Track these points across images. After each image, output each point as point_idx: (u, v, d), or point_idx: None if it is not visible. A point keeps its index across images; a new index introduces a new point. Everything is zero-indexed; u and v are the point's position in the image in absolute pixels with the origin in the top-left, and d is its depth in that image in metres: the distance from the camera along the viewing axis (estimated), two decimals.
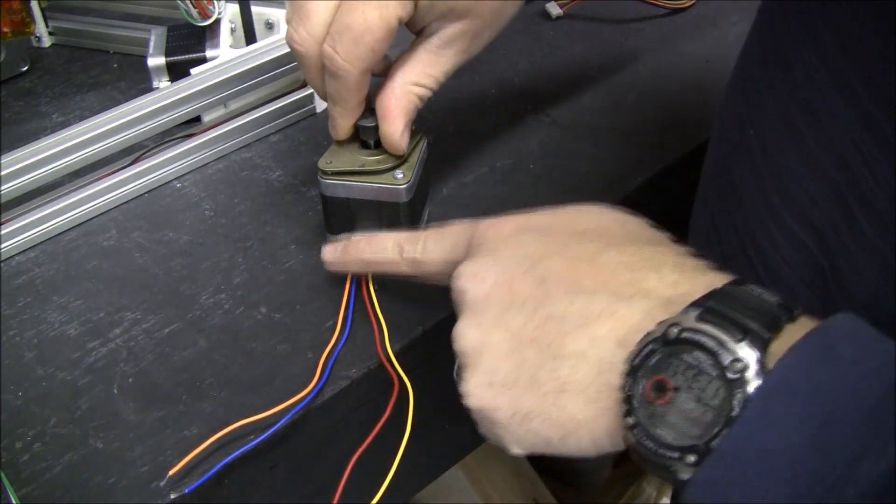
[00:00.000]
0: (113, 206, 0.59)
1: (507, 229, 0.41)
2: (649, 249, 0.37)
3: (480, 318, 0.38)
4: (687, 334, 0.32)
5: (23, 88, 0.70)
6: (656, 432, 0.32)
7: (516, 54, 0.73)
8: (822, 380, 0.30)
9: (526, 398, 0.36)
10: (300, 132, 0.65)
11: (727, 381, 0.31)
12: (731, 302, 0.32)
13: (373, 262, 0.47)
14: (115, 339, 0.50)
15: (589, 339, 0.35)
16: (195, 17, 0.64)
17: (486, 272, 0.39)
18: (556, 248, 0.38)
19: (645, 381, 0.33)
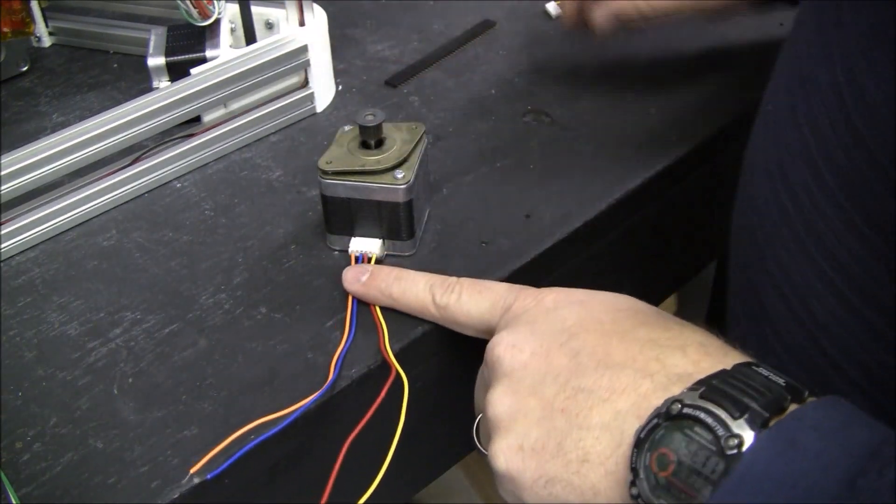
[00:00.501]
0: (113, 206, 0.59)
1: (547, 302, 0.43)
2: (679, 328, 0.39)
3: (517, 386, 0.40)
4: (688, 410, 0.34)
5: (23, 88, 0.70)
6: (653, 500, 0.34)
7: (516, 54, 0.73)
8: (784, 472, 0.31)
9: (552, 464, 0.38)
10: (300, 132, 0.65)
11: (724, 457, 0.32)
12: (735, 381, 0.34)
13: (400, 299, 0.49)
14: (115, 339, 0.50)
15: (613, 412, 0.37)
16: (195, 17, 0.64)
17: (525, 343, 0.41)
18: (592, 324, 0.40)
19: (650, 454, 0.34)
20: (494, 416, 0.40)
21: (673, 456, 0.33)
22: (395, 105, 0.67)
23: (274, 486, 0.47)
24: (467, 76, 0.70)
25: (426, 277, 0.49)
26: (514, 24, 0.77)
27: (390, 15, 0.78)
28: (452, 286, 0.47)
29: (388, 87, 0.69)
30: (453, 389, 0.52)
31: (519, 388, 0.40)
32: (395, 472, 0.48)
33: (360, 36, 0.76)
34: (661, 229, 0.66)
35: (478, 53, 0.73)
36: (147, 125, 0.58)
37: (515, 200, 0.58)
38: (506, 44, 0.74)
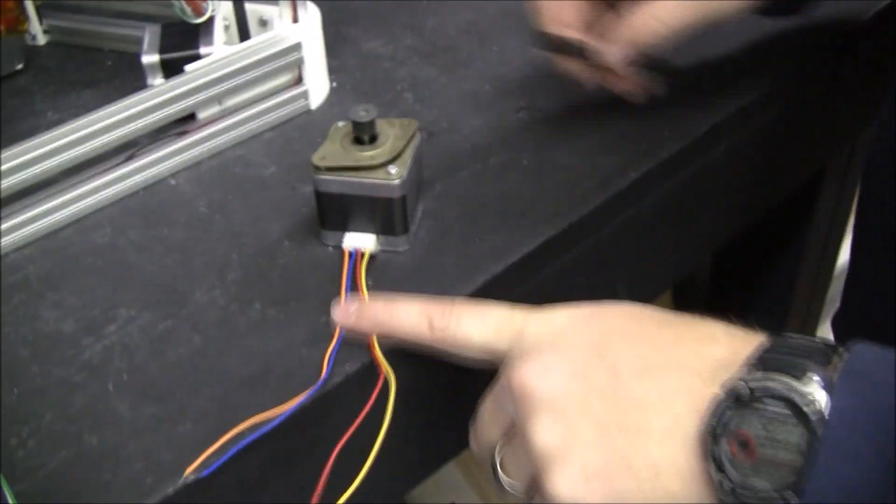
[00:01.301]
0: (107, 204, 0.59)
1: (557, 322, 0.42)
2: (699, 323, 0.39)
3: (562, 412, 0.39)
4: (754, 385, 0.34)
5: (17, 87, 0.70)
6: (753, 484, 0.33)
7: (510, 51, 0.73)
8: (873, 408, 0.32)
9: (622, 484, 0.37)
10: (294, 129, 0.65)
11: (805, 421, 0.32)
12: (781, 351, 0.35)
13: (393, 329, 0.47)
14: (110, 335, 0.50)
15: (671, 416, 0.36)
16: (189, 15, 0.64)
17: (556, 367, 0.40)
18: (617, 336, 0.40)
19: (728, 442, 0.34)
20: (545, 449, 0.39)
21: (752, 435, 0.33)
22: (388, 102, 0.67)
23: (266, 481, 0.47)
24: (461, 72, 0.70)
25: (420, 305, 0.46)
26: (508, 21, 0.77)
27: (384, 12, 0.78)
28: (450, 310, 0.45)
29: None
30: (447, 385, 0.52)
31: (565, 414, 0.38)
32: (387, 469, 0.48)
33: (354, 33, 0.76)
34: (656, 225, 0.66)
35: (472, 50, 0.73)
36: (141, 122, 0.58)
37: (509, 196, 0.58)
38: (499, 40, 0.74)
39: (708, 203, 0.71)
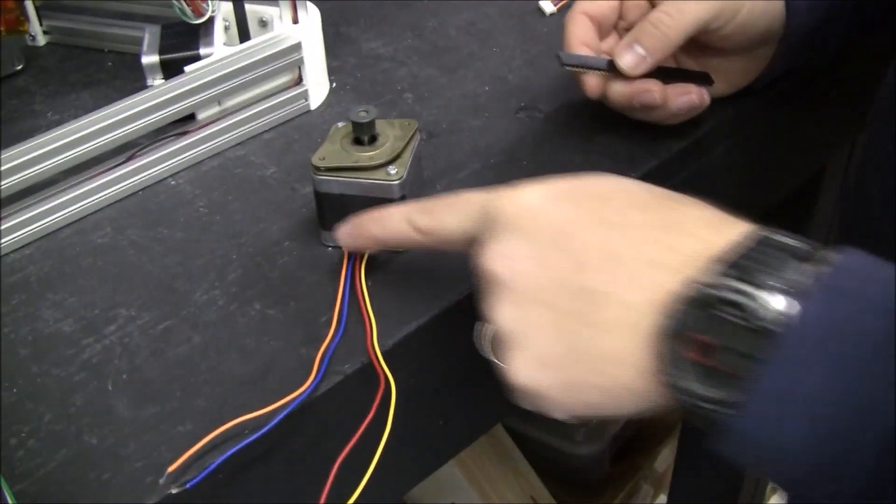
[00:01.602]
0: (107, 204, 0.59)
1: (527, 201, 0.40)
2: (674, 205, 0.38)
3: (519, 296, 0.38)
4: (715, 290, 0.32)
5: (17, 87, 0.70)
6: (701, 390, 0.32)
7: (510, 51, 0.73)
8: (834, 320, 0.30)
9: (575, 371, 0.37)
10: (294, 129, 0.65)
11: (762, 332, 0.31)
12: (757, 253, 0.33)
13: (384, 238, 0.47)
14: (110, 335, 0.50)
15: (626, 307, 0.35)
16: (189, 15, 0.64)
17: (517, 250, 0.39)
18: (584, 218, 0.38)
19: (682, 343, 0.33)
20: (503, 333, 0.39)
21: (710, 339, 0.32)
22: (388, 102, 0.67)
23: (268, 481, 0.47)
24: (461, 73, 0.70)
25: (402, 209, 0.47)
26: (508, 21, 0.77)
27: (384, 12, 0.79)
28: (428, 208, 0.45)
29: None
30: (447, 385, 0.52)
31: (522, 299, 0.38)
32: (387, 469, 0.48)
33: (354, 33, 0.76)
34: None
35: (472, 51, 0.73)
36: (141, 123, 0.58)
37: None
38: (499, 41, 0.74)
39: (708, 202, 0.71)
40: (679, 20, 0.56)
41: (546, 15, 0.77)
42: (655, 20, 0.57)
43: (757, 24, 0.57)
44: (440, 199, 0.45)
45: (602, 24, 0.62)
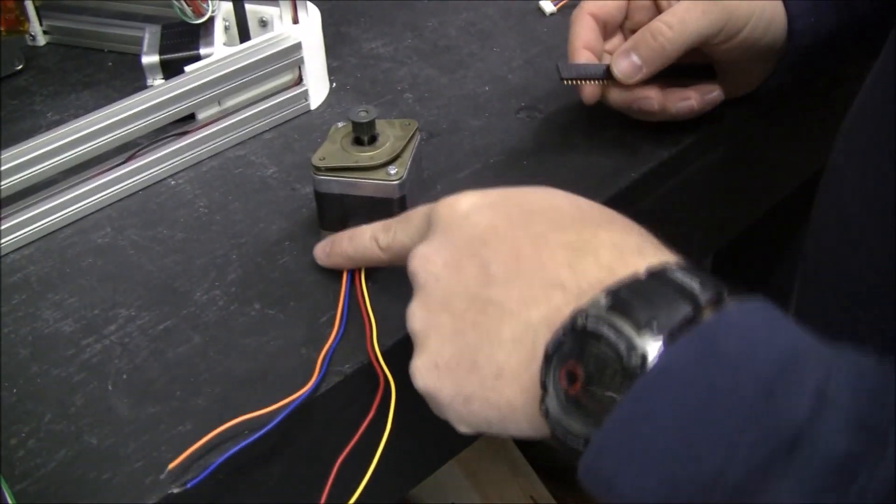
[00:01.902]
0: (107, 204, 0.59)
1: (460, 208, 0.41)
2: (593, 229, 0.38)
3: (429, 300, 0.39)
4: (591, 323, 0.32)
5: (17, 87, 0.70)
6: (565, 420, 0.33)
7: (510, 51, 0.73)
8: (698, 374, 0.30)
9: (467, 382, 0.37)
10: (294, 129, 0.65)
11: (627, 372, 0.31)
12: (645, 289, 0.33)
13: (356, 256, 0.49)
14: (110, 335, 0.50)
15: (524, 325, 0.36)
16: (189, 16, 0.64)
17: (437, 254, 0.40)
18: (503, 230, 0.39)
19: (558, 369, 0.33)
20: (412, 332, 0.40)
21: (580, 371, 0.32)
22: (389, 102, 0.67)
23: (269, 481, 0.47)
24: (461, 73, 0.70)
25: (371, 227, 0.48)
26: (508, 20, 0.77)
27: (384, 12, 0.79)
28: (389, 226, 0.46)
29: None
30: None
31: (431, 302, 0.39)
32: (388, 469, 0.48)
33: (354, 33, 0.76)
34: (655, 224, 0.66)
35: (472, 50, 0.73)
36: (141, 123, 0.58)
37: None
38: (499, 41, 0.74)
39: (707, 203, 0.71)
40: (679, 34, 0.56)
41: (546, 15, 0.77)
42: (655, 31, 0.56)
43: (759, 42, 0.57)
44: (400, 217, 0.46)
45: (607, 24, 0.62)
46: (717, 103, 0.61)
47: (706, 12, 0.55)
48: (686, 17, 0.55)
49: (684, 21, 0.55)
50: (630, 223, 0.39)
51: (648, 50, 0.56)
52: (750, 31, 0.56)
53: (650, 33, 0.56)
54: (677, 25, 0.56)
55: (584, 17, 0.61)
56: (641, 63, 0.57)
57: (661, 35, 0.56)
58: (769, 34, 0.57)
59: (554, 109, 0.66)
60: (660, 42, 0.56)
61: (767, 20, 0.56)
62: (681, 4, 0.56)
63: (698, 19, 0.55)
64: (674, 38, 0.56)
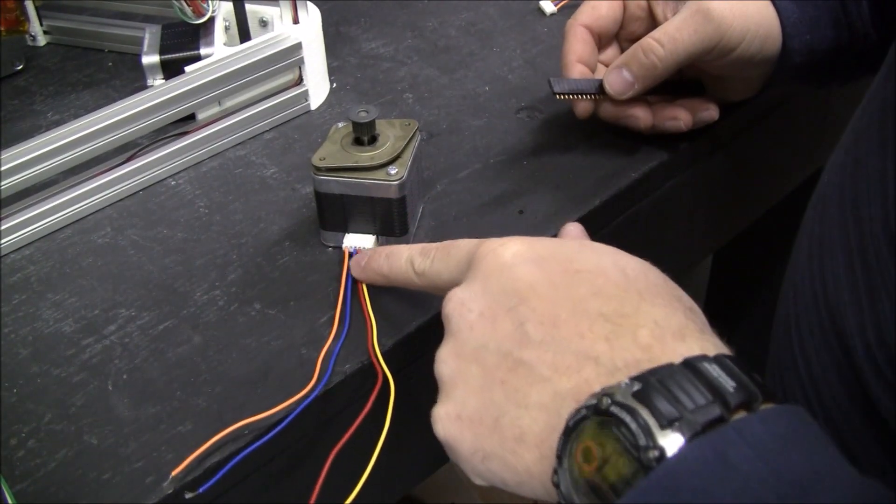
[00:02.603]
0: (108, 204, 0.59)
1: (505, 257, 0.40)
2: (636, 302, 0.36)
3: (461, 348, 0.39)
4: (615, 409, 0.32)
5: (18, 87, 0.70)
6: (575, 496, 0.32)
7: (510, 51, 0.73)
8: (705, 485, 0.29)
9: (488, 439, 0.37)
10: (294, 130, 0.65)
11: (642, 465, 0.30)
12: (677, 381, 0.32)
13: (391, 276, 0.48)
14: (110, 335, 0.50)
15: (552, 392, 0.35)
16: (189, 16, 0.64)
17: (474, 302, 0.39)
18: (544, 289, 0.38)
19: (576, 444, 0.33)
20: (438, 377, 0.39)
21: (597, 452, 0.32)
22: (389, 102, 0.67)
23: (269, 481, 0.47)
24: (461, 73, 0.70)
25: (408, 250, 0.47)
26: (508, 20, 0.77)
27: (384, 12, 0.79)
28: (428, 251, 0.45)
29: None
30: None
31: (463, 351, 0.38)
32: (388, 468, 0.48)
33: (354, 33, 0.76)
34: (655, 225, 0.66)
35: (472, 50, 0.73)
36: (141, 123, 0.58)
37: (509, 196, 0.58)
38: (499, 41, 0.74)
39: (706, 204, 0.71)
40: (671, 52, 0.55)
41: (546, 15, 0.78)
42: (647, 48, 0.56)
43: (754, 59, 0.56)
44: (440, 245, 0.45)
45: (602, 35, 0.61)
46: (711, 121, 0.60)
47: (698, 31, 0.54)
48: (678, 36, 0.55)
49: (675, 39, 0.55)
50: (676, 293, 0.38)
51: (640, 67, 0.56)
52: (744, 49, 0.55)
53: (642, 50, 0.56)
54: (669, 44, 0.55)
55: (577, 28, 0.60)
56: (633, 79, 0.57)
57: (653, 52, 0.55)
58: (764, 51, 0.56)
59: (554, 109, 0.66)
60: (651, 60, 0.56)
61: (762, 37, 0.55)
62: (673, 21, 0.55)
63: (690, 37, 0.55)
64: (665, 56, 0.55)
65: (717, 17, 0.54)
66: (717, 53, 0.55)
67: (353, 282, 0.51)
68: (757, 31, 0.55)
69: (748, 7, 0.55)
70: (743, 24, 0.54)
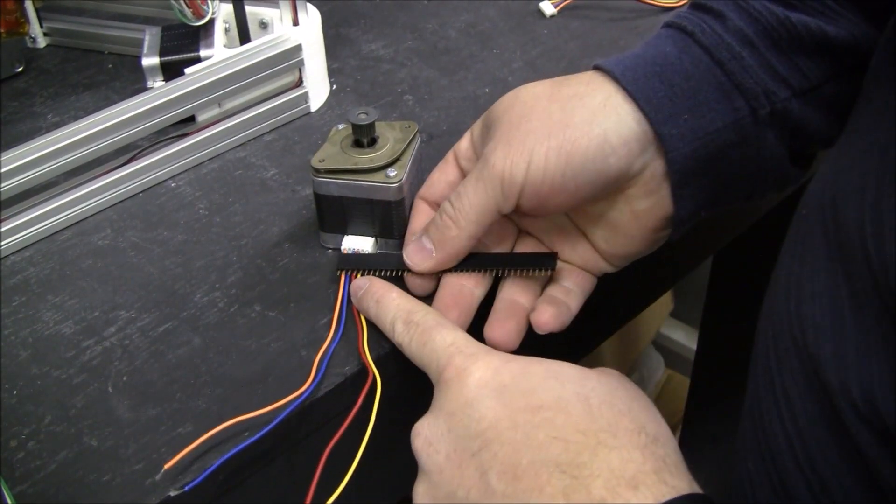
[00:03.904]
0: (108, 206, 0.59)
1: (469, 387, 0.40)
2: (593, 447, 0.37)
3: (435, 491, 0.40)
4: None
5: (18, 89, 0.70)
6: None
7: (510, 53, 0.73)
8: None
9: None
10: (294, 131, 0.65)
11: None
12: None
13: (376, 322, 0.48)
14: (110, 337, 0.50)
15: None
16: (189, 17, 0.64)
17: (440, 443, 0.40)
18: (505, 430, 0.38)
19: None
20: None
21: None
22: (389, 104, 0.67)
23: (269, 481, 0.47)
24: (461, 74, 0.70)
25: (395, 309, 0.47)
26: (508, 22, 0.77)
27: (384, 14, 0.79)
28: (410, 327, 0.45)
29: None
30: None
31: (437, 494, 0.40)
32: (388, 468, 0.48)
33: (354, 35, 0.76)
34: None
35: (472, 52, 0.73)
36: (141, 125, 0.58)
37: None
38: (499, 42, 0.74)
39: None
40: (467, 221, 0.47)
41: (546, 16, 0.78)
42: (443, 212, 0.48)
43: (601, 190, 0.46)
44: (420, 328, 0.45)
45: None
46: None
47: (484, 188, 0.46)
48: (465, 199, 0.47)
49: (463, 202, 0.47)
50: (640, 421, 0.38)
51: (437, 231, 0.48)
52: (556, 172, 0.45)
53: (438, 214, 0.49)
54: (459, 207, 0.47)
55: (417, 202, 0.53)
56: (432, 247, 0.49)
57: (447, 216, 0.48)
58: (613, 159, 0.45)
59: None
60: (447, 223, 0.48)
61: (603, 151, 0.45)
62: (466, 181, 0.48)
63: (477, 196, 0.47)
64: (459, 219, 0.47)
65: (500, 163, 0.46)
66: (531, 203, 0.46)
67: (350, 285, 0.51)
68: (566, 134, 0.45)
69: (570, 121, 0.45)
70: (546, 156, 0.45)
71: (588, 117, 0.45)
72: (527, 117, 0.47)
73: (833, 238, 0.37)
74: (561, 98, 0.47)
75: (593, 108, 0.46)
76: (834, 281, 0.37)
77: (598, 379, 0.40)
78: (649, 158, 0.46)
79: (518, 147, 0.46)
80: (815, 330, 0.37)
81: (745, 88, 0.45)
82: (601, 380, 0.41)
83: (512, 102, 0.49)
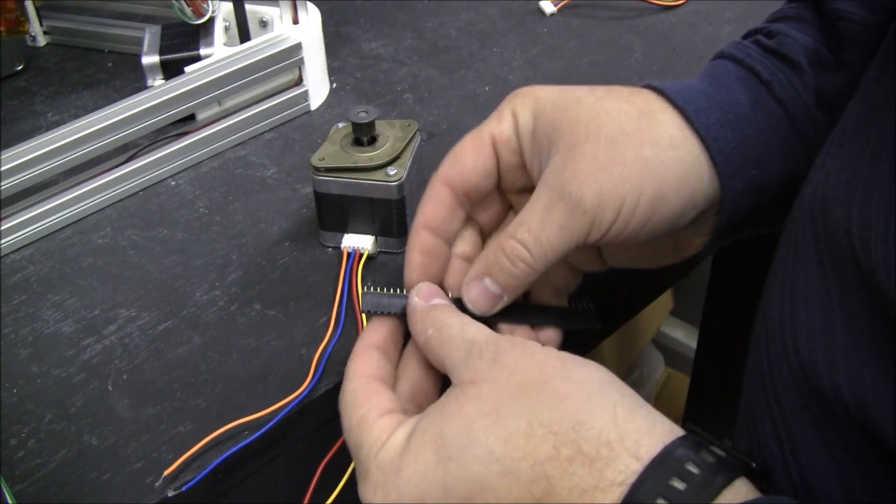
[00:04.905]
0: (108, 204, 0.59)
1: (412, 450, 0.37)
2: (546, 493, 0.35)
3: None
4: None
5: (18, 87, 0.70)
6: None
7: (510, 51, 0.73)
8: None
9: None
10: (294, 130, 0.65)
11: None
12: None
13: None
14: (110, 336, 0.50)
15: None
16: (189, 16, 0.64)
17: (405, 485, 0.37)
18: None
19: None
20: None
21: None
22: (389, 102, 0.67)
23: (270, 481, 0.47)
24: (461, 73, 0.70)
25: (358, 367, 0.42)
26: (508, 20, 0.77)
27: (384, 13, 0.79)
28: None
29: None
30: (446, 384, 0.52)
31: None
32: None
33: (354, 34, 0.76)
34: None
35: (472, 51, 0.73)
36: (141, 123, 0.58)
37: None
38: (499, 41, 0.74)
39: None
40: (540, 257, 0.43)
41: (546, 15, 0.78)
42: (512, 254, 0.43)
43: (661, 226, 0.44)
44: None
45: (470, 193, 0.47)
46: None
47: (563, 227, 0.42)
48: (542, 237, 0.42)
49: (541, 242, 0.42)
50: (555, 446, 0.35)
51: (507, 276, 0.43)
52: (647, 207, 0.42)
53: (506, 256, 0.43)
54: (535, 248, 0.42)
55: (435, 187, 0.46)
56: (501, 291, 0.44)
57: (521, 260, 0.43)
58: (674, 203, 0.43)
59: None
60: (520, 268, 0.43)
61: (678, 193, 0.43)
62: (535, 212, 0.42)
63: (557, 237, 0.42)
64: (535, 262, 0.43)
65: (590, 203, 0.41)
66: (595, 237, 0.43)
67: (349, 283, 0.51)
68: (658, 188, 0.42)
69: (644, 160, 0.42)
70: (624, 193, 0.42)
71: (681, 175, 0.43)
72: (613, 143, 0.42)
73: (823, 242, 0.37)
74: (650, 137, 0.43)
75: (682, 160, 0.43)
76: (825, 285, 0.36)
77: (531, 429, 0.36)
78: (705, 207, 0.44)
79: (611, 188, 0.41)
80: (808, 334, 0.36)
81: (812, 150, 0.43)
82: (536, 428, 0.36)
83: (578, 114, 0.44)
